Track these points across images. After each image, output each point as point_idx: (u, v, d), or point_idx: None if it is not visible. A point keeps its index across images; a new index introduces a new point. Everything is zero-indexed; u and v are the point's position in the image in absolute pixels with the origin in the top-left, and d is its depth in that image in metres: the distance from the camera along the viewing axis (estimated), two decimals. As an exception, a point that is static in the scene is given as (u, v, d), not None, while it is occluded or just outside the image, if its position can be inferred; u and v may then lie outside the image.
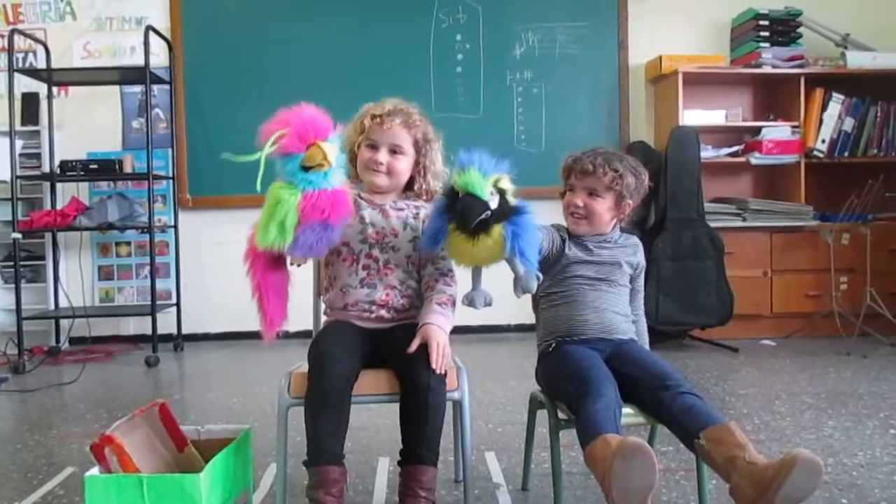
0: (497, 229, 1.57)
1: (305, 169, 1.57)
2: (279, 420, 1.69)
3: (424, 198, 1.90)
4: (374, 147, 1.83)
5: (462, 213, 1.55)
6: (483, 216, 1.55)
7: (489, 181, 1.58)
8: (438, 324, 1.70)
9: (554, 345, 1.82)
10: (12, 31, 4.10)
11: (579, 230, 1.87)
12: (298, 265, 1.72)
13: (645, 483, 1.38)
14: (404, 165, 1.85)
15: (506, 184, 1.61)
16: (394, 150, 1.83)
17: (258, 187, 1.53)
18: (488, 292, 1.68)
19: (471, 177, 1.56)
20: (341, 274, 1.84)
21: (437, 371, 1.63)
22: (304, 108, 1.60)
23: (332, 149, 1.59)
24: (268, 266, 1.66)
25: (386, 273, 1.82)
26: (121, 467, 1.56)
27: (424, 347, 1.65)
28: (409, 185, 1.91)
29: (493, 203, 1.57)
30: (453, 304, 1.79)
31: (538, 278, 1.62)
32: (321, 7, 4.62)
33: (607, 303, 1.83)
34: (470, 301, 1.69)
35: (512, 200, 1.61)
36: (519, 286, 1.62)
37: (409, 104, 1.87)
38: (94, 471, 1.58)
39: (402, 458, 1.67)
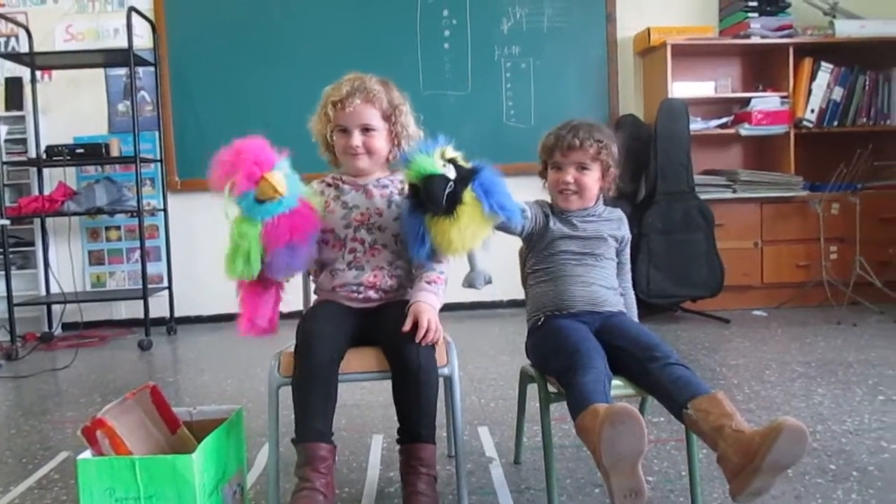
0: (467, 193, 1.61)
1: (260, 202, 1.63)
2: (270, 399, 1.70)
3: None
4: (344, 132, 1.82)
5: (429, 196, 1.59)
6: (448, 189, 1.58)
7: (436, 155, 1.62)
8: (428, 301, 1.70)
9: (543, 319, 1.82)
10: (-7, 15, 4.05)
11: (571, 206, 1.87)
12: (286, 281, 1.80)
13: (634, 448, 1.39)
14: (380, 142, 1.84)
15: (451, 152, 1.66)
16: (366, 129, 1.82)
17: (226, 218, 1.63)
18: (486, 271, 1.70)
19: (418, 162, 1.61)
20: (329, 258, 1.84)
21: (422, 343, 1.63)
22: (245, 143, 1.65)
23: (280, 178, 1.64)
24: (258, 298, 1.75)
25: (373, 254, 1.82)
26: (113, 450, 1.56)
27: (414, 327, 1.65)
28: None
29: (451, 173, 1.61)
30: (444, 281, 1.78)
31: (487, 280, 1.67)
32: (306, -15, 4.58)
33: (594, 276, 1.83)
34: (470, 283, 1.72)
35: (465, 164, 1.65)
36: (467, 280, 1.66)
37: (367, 76, 1.84)
38: (87, 454, 1.58)
39: (400, 437, 1.68)
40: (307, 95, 1.91)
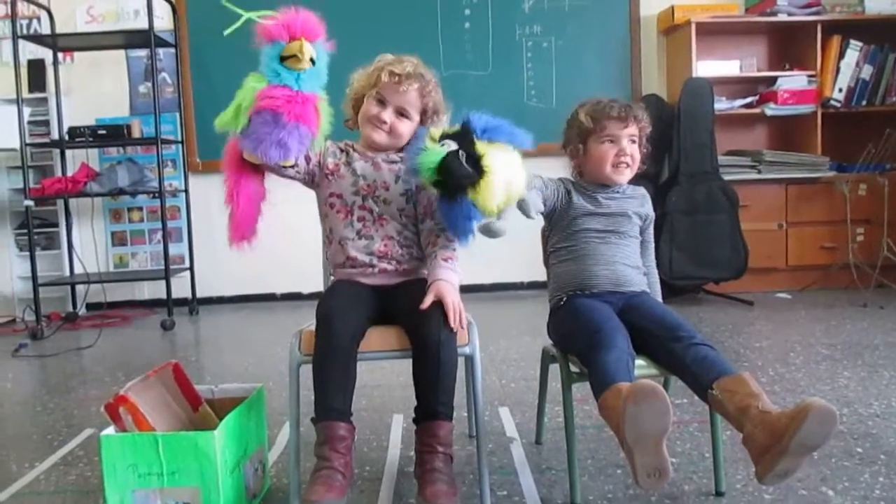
0: (479, 146, 1.59)
1: (282, 60, 1.59)
2: (290, 377, 1.69)
3: None
4: (381, 103, 1.80)
5: (456, 177, 1.56)
6: (463, 157, 1.57)
7: (429, 143, 1.61)
8: (449, 279, 1.69)
9: (565, 298, 1.80)
10: (15, -3, 4.06)
11: (622, 179, 1.84)
12: (255, 172, 1.74)
13: (658, 426, 1.38)
14: (407, 129, 1.81)
15: (435, 130, 1.65)
16: (401, 113, 1.80)
17: (226, 32, 1.64)
18: (502, 226, 1.67)
19: (424, 160, 1.58)
20: (337, 227, 1.82)
21: (455, 328, 1.63)
22: (300, 10, 1.62)
23: (312, 49, 1.60)
24: (242, 171, 1.72)
25: (381, 224, 1.80)
26: (135, 426, 1.57)
27: (434, 304, 1.64)
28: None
29: (452, 146, 1.59)
30: (458, 257, 1.77)
31: (535, 207, 1.67)
32: (326, -36, 4.54)
33: (617, 255, 1.80)
34: (521, 207, 1.68)
35: (455, 128, 1.64)
36: (518, 207, 1.64)
37: (428, 69, 1.82)
38: (110, 430, 1.59)
39: (417, 416, 1.67)
40: (328, 75, 1.89)
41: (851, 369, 2.70)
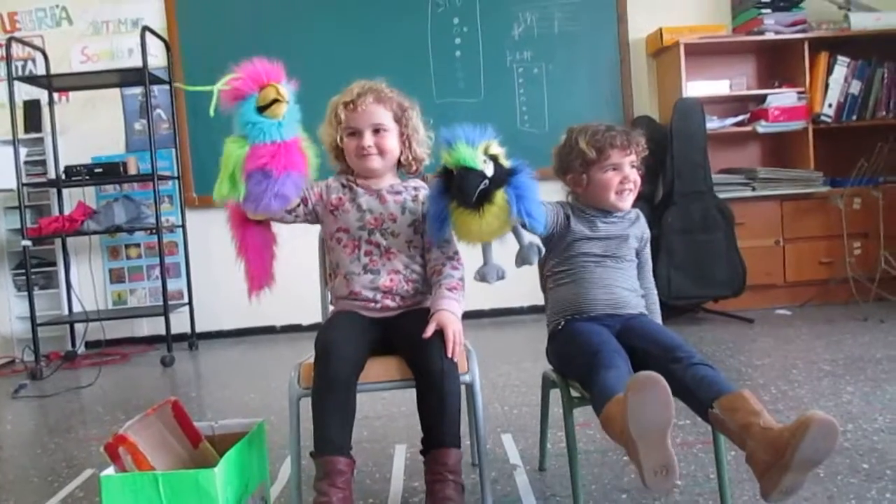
0: (499, 195, 1.58)
1: (261, 110, 1.62)
2: (291, 411, 1.69)
3: (414, 167, 1.89)
4: (355, 133, 1.81)
5: (461, 189, 1.57)
6: (482, 186, 1.56)
7: (479, 150, 1.59)
8: (451, 310, 1.69)
9: (563, 323, 1.80)
10: (9, 40, 4.11)
11: (626, 205, 1.85)
12: (259, 221, 1.78)
13: (661, 417, 1.36)
14: (391, 142, 1.83)
15: (495, 148, 1.64)
16: (377, 130, 1.81)
17: (211, 112, 1.65)
18: (500, 266, 1.68)
19: (460, 151, 1.58)
20: (343, 261, 1.83)
21: (454, 359, 1.63)
22: (254, 60, 1.67)
23: (285, 89, 1.64)
24: (246, 226, 1.77)
25: (389, 258, 1.81)
26: (135, 466, 1.56)
27: (435, 333, 1.64)
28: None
29: (489, 170, 1.59)
30: (463, 286, 1.78)
31: (539, 251, 1.63)
32: (316, -2, 4.60)
33: (615, 279, 1.81)
34: (482, 276, 1.69)
35: (506, 163, 1.63)
36: (520, 257, 1.63)
37: (375, 81, 1.85)
38: (110, 471, 1.58)
39: (424, 446, 1.66)
40: (319, 109, 1.91)
41: (854, 384, 2.69)
